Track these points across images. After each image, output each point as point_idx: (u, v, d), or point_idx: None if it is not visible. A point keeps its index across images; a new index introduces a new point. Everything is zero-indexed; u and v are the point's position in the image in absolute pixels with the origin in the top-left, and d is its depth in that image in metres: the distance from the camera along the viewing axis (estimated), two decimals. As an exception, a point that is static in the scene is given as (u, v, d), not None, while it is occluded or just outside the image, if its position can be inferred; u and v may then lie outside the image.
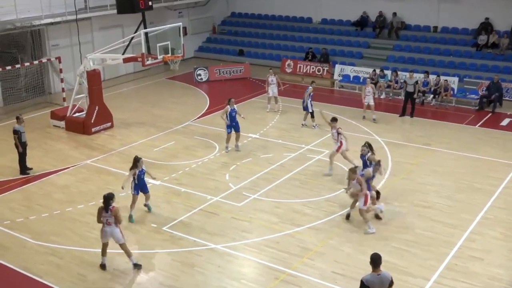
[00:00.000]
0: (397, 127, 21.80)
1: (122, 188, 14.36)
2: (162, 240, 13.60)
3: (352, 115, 22.97)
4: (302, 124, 21.59)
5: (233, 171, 17.60)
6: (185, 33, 26.95)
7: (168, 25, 22.27)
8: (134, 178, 14.45)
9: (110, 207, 11.94)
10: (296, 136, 20.66)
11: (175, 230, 13.98)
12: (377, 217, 14.37)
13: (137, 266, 12.38)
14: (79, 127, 21.31)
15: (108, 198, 11.97)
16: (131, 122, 22.63)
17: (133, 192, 14.57)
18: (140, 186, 14.64)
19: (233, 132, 19.03)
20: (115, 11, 24.13)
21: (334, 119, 17.33)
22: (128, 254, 12.32)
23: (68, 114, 21.85)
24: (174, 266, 12.52)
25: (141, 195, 14.72)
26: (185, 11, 33.84)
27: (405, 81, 23.49)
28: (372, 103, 22.10)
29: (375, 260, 9.24)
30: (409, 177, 17.02)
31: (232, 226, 14.21)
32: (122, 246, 12.23)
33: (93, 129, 21.19)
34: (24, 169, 17.50)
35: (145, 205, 15.02)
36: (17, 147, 17.21)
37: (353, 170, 14.01)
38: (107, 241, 12.22)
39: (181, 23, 21.77)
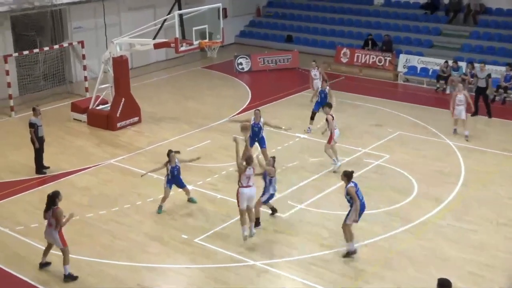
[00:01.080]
0: (472, 129, 21.37)
1: (141, 176, 15.75)
2: (193, 253, 13.70)
3: (418, 114, 22.64)
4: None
5: (277, 175, 17.55)
6: (225, 16, 27.13)
7: (206, 6, 22.45)
8: (167, 172, 15.28)
9: (54, 207, 12.34)
10: (352, 137, 20.49)
11: (209, 243, 14.05)
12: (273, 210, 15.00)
13: (69, 278, 12.56)
14: (103, 121, 21.70)
15: (53, 197, 12.43)
16: (161, 116, 22.91)
17: (165, 186, 15.43)
18: (173, 181, 15.45)
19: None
20: (146, -11, 24.51)
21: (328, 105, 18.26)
22: (65, 262, 12.58)
23: (90, 107, 22.28)
24: (207, 283, 12.60)
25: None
26: (225, -10, 34.06)
27: (475, 75, 23.09)
28: (463, 117, 20.05)
29: (443, 287, 9.07)
30: (485, 189, 16.69)
31: (275, 240, 14.21)
32: (63, 251, 12.55)
33: (118, 124, 21.55)
34: (40, 168, 17.92)
35: (189, 200, 15.95)
36: (33, 142, 17.64)
37: None
38: (49, 242, 12.78)
39: (220, 4, 21.92)
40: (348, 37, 31.93)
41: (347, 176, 13.14)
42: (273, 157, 14.95)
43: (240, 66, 29.50)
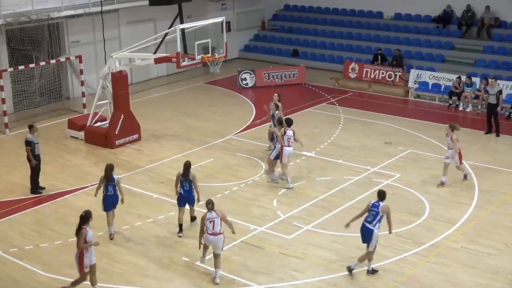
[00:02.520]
0: (486, 147, 21.42)
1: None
2: (195, 277, 13.72)
3: (430, 132, 22.68)
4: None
5: (282, 196, 17.63)
6: (228, 29, 27.36)
7: (209, 20, 22.62)
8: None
9: (83, 226, 12.57)
10: (361, 155, 20.55)
11: (212, 266, 14.06)
12: None
13: None
14: (101, 139, 21.78)
15: (85, 217, 12.66)
16: (162, 134, 23.01)
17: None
18: (184, 198, 15.59)
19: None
20: (146, 2, 24.69)
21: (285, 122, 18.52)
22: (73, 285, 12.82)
23: (88, 124, 22.35)
24: (209, 309, 12.63)
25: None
26: (229, 3, 34.30)
27: (486, 91, 23.14)
28: (448, 160, 18.30)
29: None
30: (502, 210, 16.67)
31: (280, 263, 14.21)
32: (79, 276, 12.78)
33: (117, 142, 21.64)
34: (36, 187, 18.00)
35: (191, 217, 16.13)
36: (29, 160, 17.73)
37: None
38: None
39: (224, 17, 22.02)
40: (357, 51, 32.09)
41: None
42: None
43: (244, 82, 29.63)
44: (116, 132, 21.62)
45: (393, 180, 18.47)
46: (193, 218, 16.03)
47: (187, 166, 15.39)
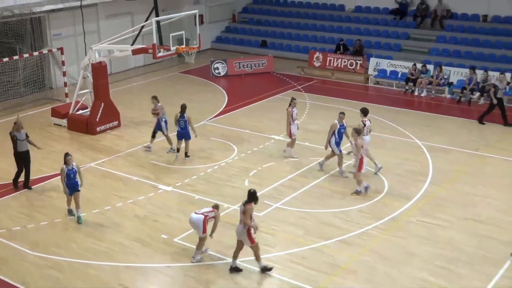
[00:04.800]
0: (439, 129, 21.70)
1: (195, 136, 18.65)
2: (173, 253, 13.77)
3: (388, 115, 22.93)
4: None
5: (253, 176, 17.71)
6: (201, 22, 27.23)
7: (183, 13, 22.51)
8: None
9: (247, 203, 12.52)
10: (325, 138, 20.64)
11: (188, 242, 14.11)
12: None
13: (265, 270, 12.75)
14: (83, 126, 21.65)
15: (254, 193, 12.69)
16: (140, 121, 22.90)
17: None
18: (180, 134, 18.56)
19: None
20: (124, -3, 24.48)
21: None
22: (257, 259, 12.79)
23: (70, 112, 22.21)
24: (188, 282, 12.68)
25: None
26: (201, -3, 34.15)
27: (495, 85, 22.21)
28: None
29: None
30: (453, 187, 16.96)
31: (252, 238, 14.32)
32: (252, 248, 12.71)
33: (98, 129, 21.53)
34: (15, 183, 17.16)
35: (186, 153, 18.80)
36: (31, 144, 17.13)
37: None
38: (239, 240, 12.84)
39: (197, 11, 21.95)
40: (321, 42, 32.16)
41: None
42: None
43: (216, 71, 29.58)
44: (97, 120, 21.50)
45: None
46: (186, 154, 18.78)
47: (184, 107, 18.63)
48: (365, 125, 17.63)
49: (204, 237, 13.25)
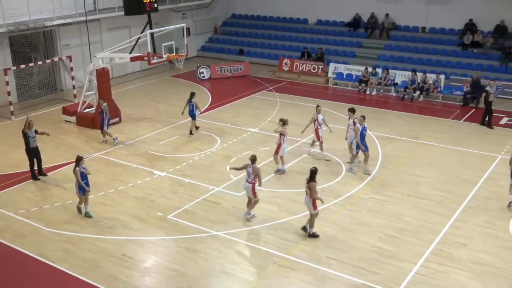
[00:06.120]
0: (387, 122, 21.84)
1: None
2: (167, 228, 13.70)
3: (345, 111, 22.90)
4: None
5: (234, 163, 17.66)
6: (188, 34, 26.95)
7: (173, 26, 22.30)
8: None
9: (310, 181, 12.82)
10: (293, 130, 20.66)
11: (180, 218, 14.07)
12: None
13: (312, 236, 12.99)
14: (89, 122, 21.35)
15: (314, 172, 12.83)
16: (138, 117, 22.67)
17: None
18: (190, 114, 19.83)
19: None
20: (122, 12, 24.24)
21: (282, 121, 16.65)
22: (310, 225, 13.06)
23: (78, 110, 21.89)
24: (179, 252, 12.63)
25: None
26: (188, 13, 33.80)
27: (486, 91, 21.09)
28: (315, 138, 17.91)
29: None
30: (399, 169, 17.09)
31: (233, 214, 14.30)
32: (311, 215, 13.01)
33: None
34: (33, 175, 16.63)
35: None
36: (43, 133, 16.70)
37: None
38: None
39: (184, 24, 21.80)
40: (289, 50, 32.07)
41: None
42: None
43: (201, 75, 29.37)
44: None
45: (318, 149, 18.64)
46: (190, 132, 19.86)
47: (191, 95, 19.75)
48: (317, 119, 17.46)
49: (256, 201, 13.83)
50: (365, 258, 12.28)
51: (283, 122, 16.69)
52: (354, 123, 16.76)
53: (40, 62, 24.51)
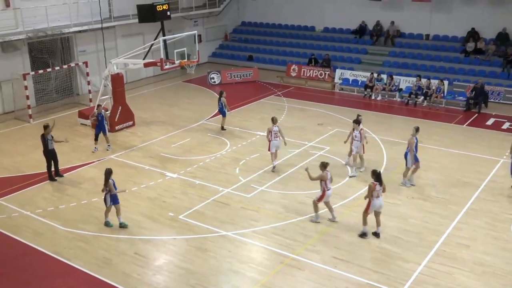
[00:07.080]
0: (392, 126, 21.74)
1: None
2: (178, 227, 13.69)
3: (351, 115, 22.85)
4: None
5: (242, 165, 17.65)
6: (200, 40, 27.07)
7: (185, 33, 22.35)
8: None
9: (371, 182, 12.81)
10: (301, 133, 20.67)
11: (191, 219, 14.07)
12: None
13: (363, 235, 13.02)
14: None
15: (377, 173, 12.83)
16: (151, 120, 22.72)
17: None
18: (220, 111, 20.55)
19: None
20: (136, 20, 24.28)
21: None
22: (364, 223, 13.03)
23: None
24: (190, 251, 12.62)
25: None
26: (200, 20, 33.87)
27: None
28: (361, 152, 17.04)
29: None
30: (403, 172, 16.95)
31: (242, 215, 14.28)
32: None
33: (116, 127, 21.29)
34: (49, 176, 16.67)
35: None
36: (59, 141, 16.76)
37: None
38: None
39: (196, 31, 21.82)
40: (296, 56, 32.05)
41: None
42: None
43: (212, 80, 29.41)
44: (116, 120, 21.28)
45: (324, 152, 18.63)
46: (222, 127, 20.81)
47: (220, 93, 20.80)
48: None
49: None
50: (371, 258, 12.20)
51: (272, 120, 17.07)
52: (360, 134, 16.52)
53: (57, 68, 24.64)
